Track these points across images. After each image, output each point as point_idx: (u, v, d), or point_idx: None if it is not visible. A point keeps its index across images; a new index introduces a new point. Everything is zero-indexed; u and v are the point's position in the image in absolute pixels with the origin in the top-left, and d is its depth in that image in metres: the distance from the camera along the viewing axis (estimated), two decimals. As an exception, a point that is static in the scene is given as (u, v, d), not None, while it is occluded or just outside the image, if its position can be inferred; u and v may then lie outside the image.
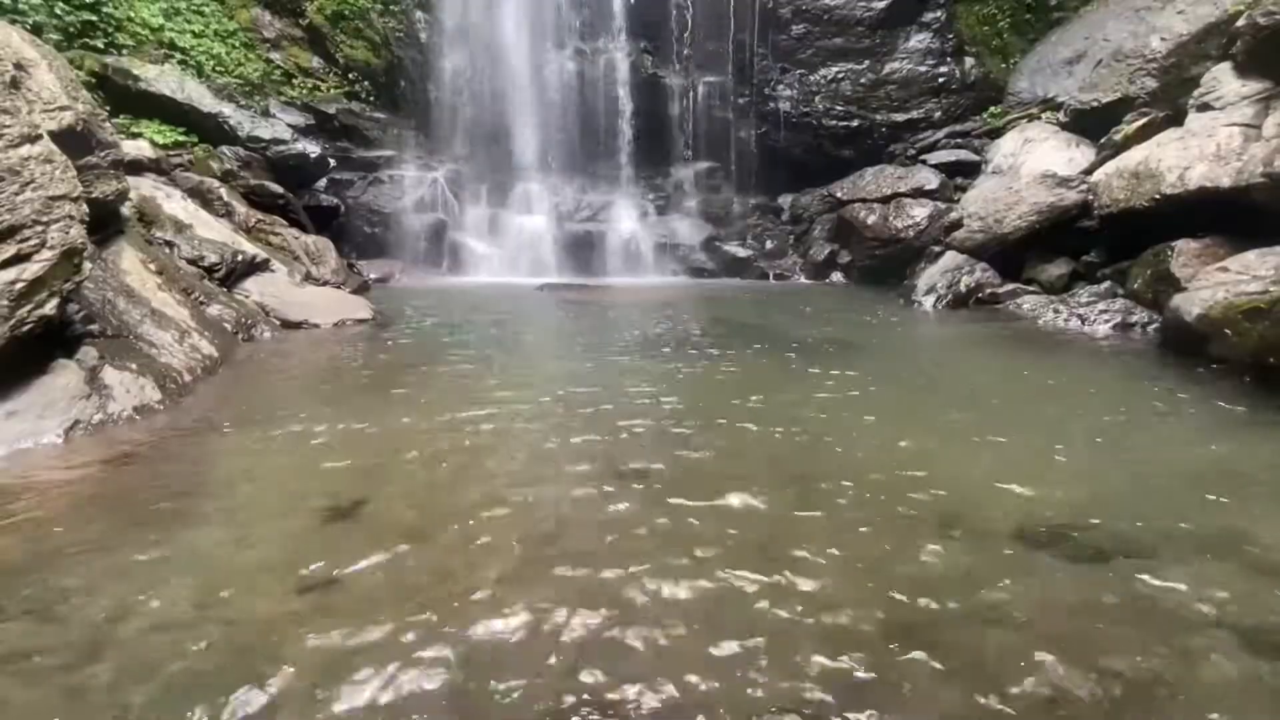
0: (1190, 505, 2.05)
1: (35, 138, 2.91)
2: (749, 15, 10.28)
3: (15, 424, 2.49)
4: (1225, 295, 3.84)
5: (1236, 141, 5.26)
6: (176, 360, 3.44)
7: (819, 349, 4.39)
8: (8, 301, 2.55)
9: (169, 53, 9.18)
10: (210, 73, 9.46)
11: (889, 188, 8.78)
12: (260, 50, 10.23)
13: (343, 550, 1.75)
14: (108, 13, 8.63)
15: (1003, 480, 2.24)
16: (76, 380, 2.76)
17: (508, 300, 7.25)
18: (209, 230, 5.56)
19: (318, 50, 10.43)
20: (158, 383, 3.12)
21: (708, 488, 2.16)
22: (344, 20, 10.25)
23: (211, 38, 9.81)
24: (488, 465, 2.37)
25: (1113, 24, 9.04)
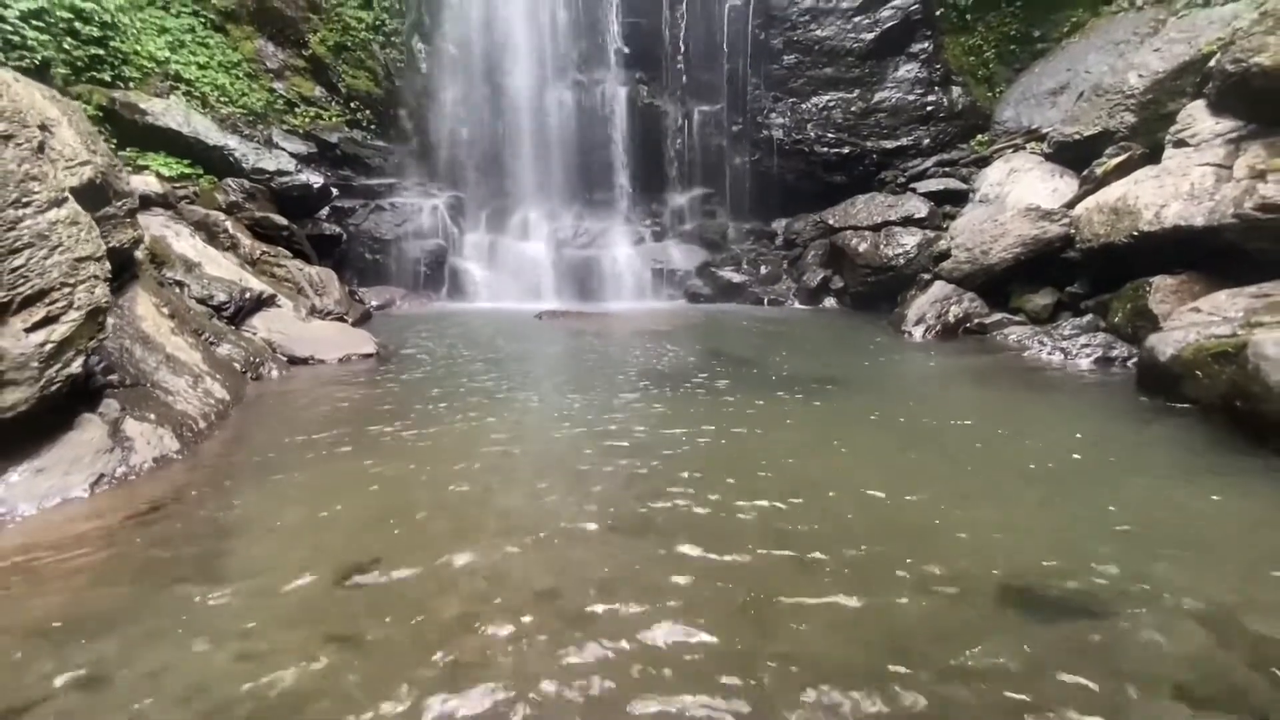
0: (1158, 563, 2.20)
1: (62, 201, 3.07)
2: (742, 46, 10.55)
3: (44, 481, 2.62)
4: (1196, 337, 4.01)
5: (1209, 181, 5.48)
6: (191, 407, 3.57)
7: (812, 387, 4.54)
8: (37, 363, 2.68)
9: (174, 84, 9.38)
10: (214, 103, 9.65)
11: (880, 216, 9.00)
12: (263, 80, 10.45)
13: (361, 613, 1.88)
14: (115, 46, 8.82)
15: (984, 533, 2.39)
16: (100, 434, 2.89)
17: (507, 329, 7.40)
18: (217, 268, 5.71)
19: (320, 80, 10.66)
20: (175, 431, 3.25)
21: (702, 541, 2.30)
22: (346, 51, 10.49)
23: (216, 69, 10.02)
24: (493, 518, 2.51)
25: (1093, 57, 9.34)
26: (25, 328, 2.71)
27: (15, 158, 2.91)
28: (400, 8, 10.36)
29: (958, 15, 10.64)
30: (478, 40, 10.17)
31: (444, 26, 10.27)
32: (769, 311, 9.09)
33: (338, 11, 10.32)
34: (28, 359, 2.66)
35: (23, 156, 2.94)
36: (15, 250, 2.74)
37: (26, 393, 2.65)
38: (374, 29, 10.43)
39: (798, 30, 10.56)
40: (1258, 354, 3.33)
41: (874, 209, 9.17)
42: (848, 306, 9.15)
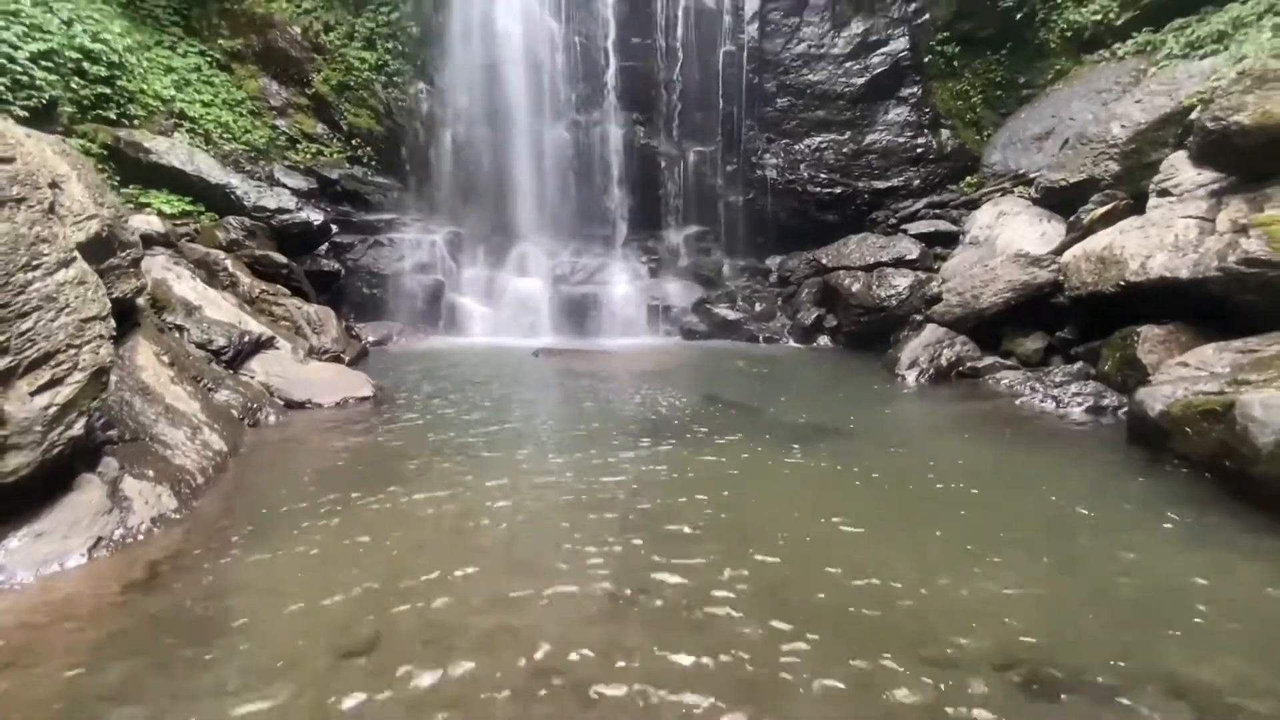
0: (1158, 641, 2.23)
1: (70, 261, 3.11)
2: (736, 89, 10.82)
3: (43, 546, 2.61)
4: (1185, 393, 4.09)
5: (1193, 234, 5.62)
6: (189, 461, 3.56)
7: (810, 438, 4.58)
8: (41, 427, 2.69)
9: (179, 122, 9.52)
10: (217, 139, 9.79)
11: (872, 256, 9.15)
12: (267, 118, 10.62)
13: (360, 693, 1.88)
14: (122, 85, 8.95)
15: (981, 606, 2.41)
16: (99, 496, 2.88)
17: (504, 368, 7.43)
18: (217, 310, 5.74)
19: (322, 117, 10.84)
20: (173, 488, 3.25)
21: (696, 608, 2.32)
22: (349, 90, 10.69)
23: (220, 106, 10.18)
24: (489, 589, 2.51)
25: (1077, 104, 9.63)
26: (30, 391, 2.72)
27: (27, 220, 2.96)
28: (403, 50, 10.60)
29: (945, 62, 10.97)
30: (479, 81, 10.39)
31: (446, 68, 10.50)
32: (764, 350, 9.17)
33: (342, 52, 10.54)
34: (32, 423, 2.67)
35: (34, 219, 2.99)
36: (23, 314, 2.77)
37: (29, 457, 2.65)
38: (377, 69, 10.65)
39: (790, 75, 10.85)
40: (1245, 415, 3.40)
41: (866, 249, 9.33)
42: (841, 345, 9.25)
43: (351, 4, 10.66)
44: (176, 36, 10.24)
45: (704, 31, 10.50)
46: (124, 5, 9.71)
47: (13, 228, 2.88)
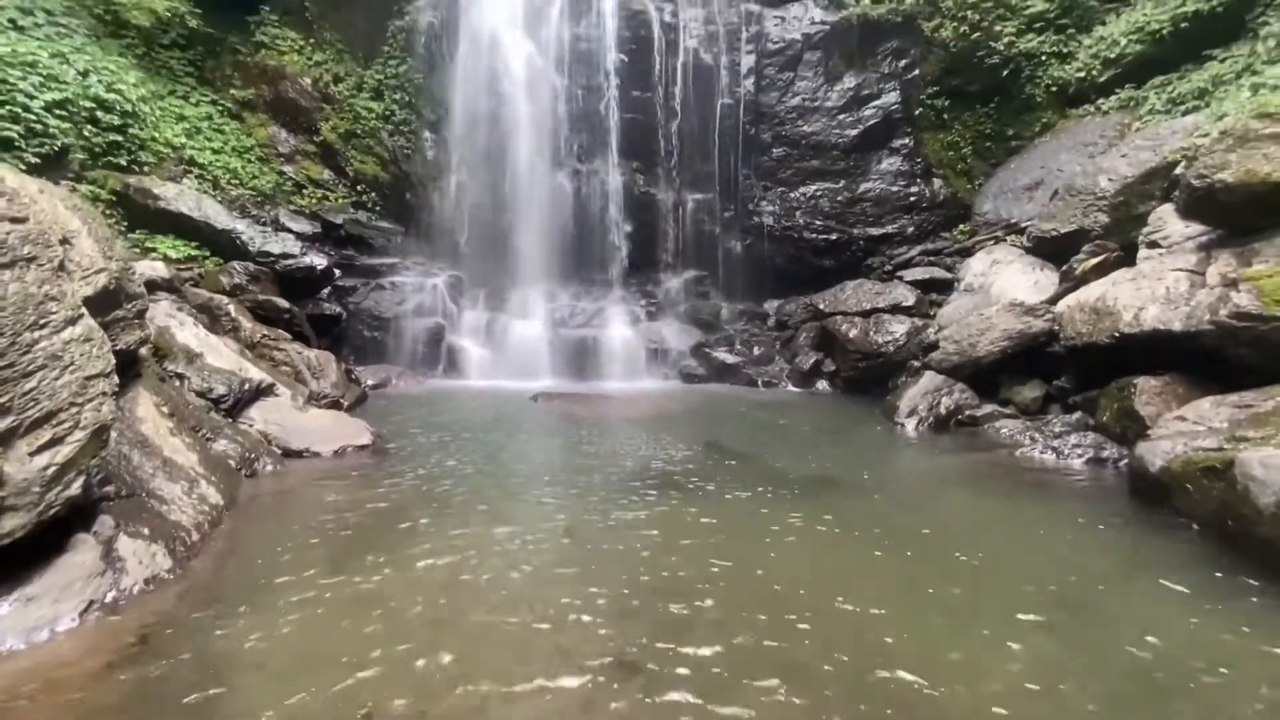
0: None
1: (77, 318, 3.13)
2: (733, 140, 11.13)
3: (33, 611, 2.56)
4: (1184, 449, 4.10)
5: (1184, 286, 5.72)
6: (186, 516, 3.53)
7: (810, 491, 4.55)
8: (39, 488, 2.67)
9: (188, 168, 9.72)
10: (225, 185, 9.98)
11: (868, 302, 9.26)
12: (275, 164, 10.85)
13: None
14: (134, 133, 9.17)
15: (989, 684, 2.37)
16: (93, 556, 2.84)
17: (502, 413, 7.42)
18: (218, 357, 5.75)
19: (329, 164, 11.08)
20: (168, 547, 3.20)
21: (697, 684, 2.27)
22: (356, 138, 10.96)
23: (229, 153, 10.42)
24: (486, 659, 2.46)
25: (1064, 156, 9.91)
26: (30, 451, 2.71)
27: (36, 279, 2.99)
28: (410, 100, 10.91)
29: (935, 114, 11.32)
30: (483, 130, 10.68)
31: (451, 117, 10.80)
32: (763, 394, 9.18)
33: (350, 102, 10.85)
34: (30, 484, 2.65)
35: (43, 278, 3.02)
36: (28, 374, 2.78)
37: (24, 519, 2.63)
38: (384, 118, 10.95)
39: (786, 126, 11.18)
40: (1245, 474, 3.40)
41: (863, 295, 9.44)
42: (840, 390, 9.27)
43: (361, 57, 11.03)
44: (190, 86, 10.54)
45: (702, 85, 10.85)
46: (140, 57, 10.02)
47: (22, 287, 2.91)
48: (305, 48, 10.98)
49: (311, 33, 11.00)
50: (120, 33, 9.77)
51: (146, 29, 9.91)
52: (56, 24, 9.19)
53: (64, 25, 9.24)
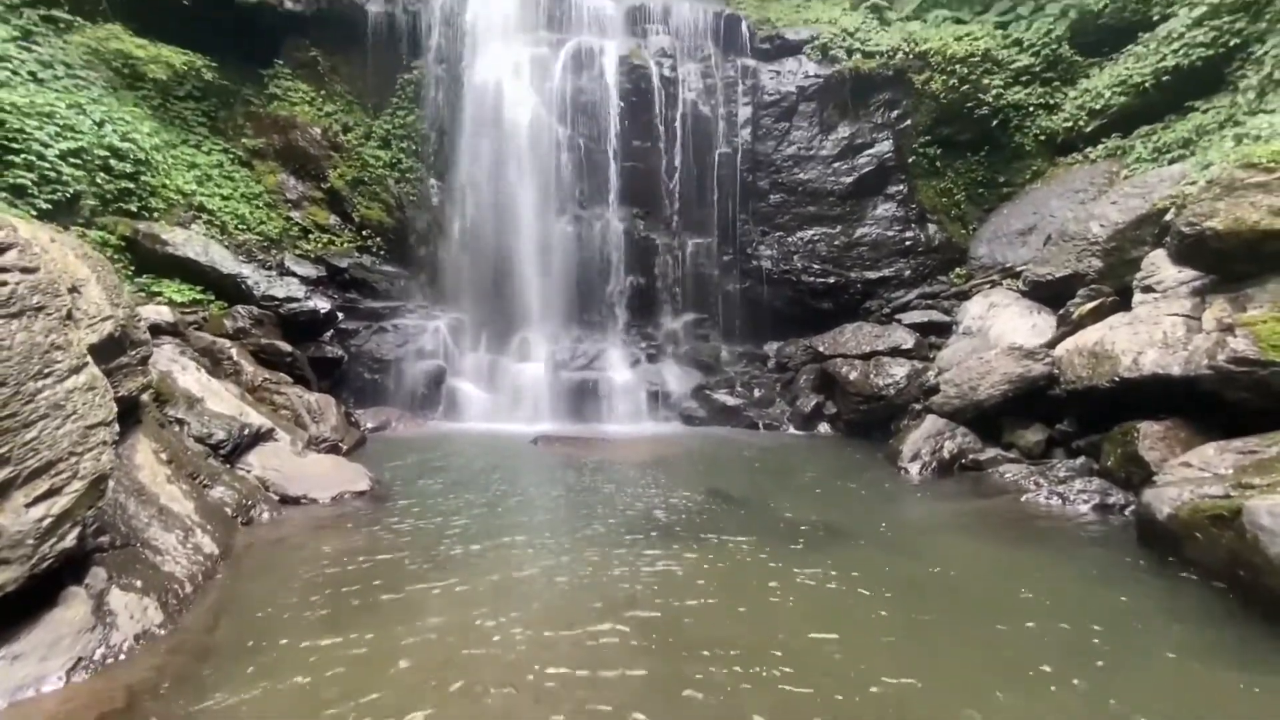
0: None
1: (82, 366, 3.15)
2: (731, 186, 11.38)
3: (20, 669, 2.49)
4: (1190, 496, 4.06)
5: (1180, 331, 5.77)
6: (179, 568, 3.46)
7: (814, 541, 4.48)
8: (33, 540, 2.63)
9: (197, 214, 9.89)
10: (233, 230, 10.14)
11: (868, 345, 9.31)
12: (282, 210, 11.05)
13: None
14: (145, 180, 9.36)
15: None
16: (84, 612, 2.78)
17: (502, 456, 7.36)
18: (219, 402, 5.75)
19: (335, 210, 11.28)
20: (160, 600, 3.13)
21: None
22: (363, 185, 11.20)
23: (238, 199, 10.62)
24: None
25: (1055, 202, 10.12)
26: (27, 502, 2.69)
27: (44, 329, 3.02)
28: (416, 149, 11.20)
29: (928, 162, 11.61)
30: (487, 178, 10.92)
31: (457, 165, 11.06)
32: (765, 438, 9.13)
33: (358, 151, 11.13)
34: (25, 535, 2.62)
35: (50, 327, 3.05)
36: (29, 423, 2.77)
37: (16, 572, 2.58)
38: (390, 166, 11.21)
39: (782, 174, 11.45)
40: (1254, 523, 3.37)
41: (862, 338, 9.50)
42: (842, 433, 9.23)
43: (370, 108, 11.37)
44: (202, 136, 10.83)
45: (700, 135, 11.16)
46: (155, 108, 10.32)
47: (29, 336, 2.94)
48: (316, 99, 11.33)
49: (323, 85, 11.36)
50: (137, 85, 10.09)
51: (163, 81, 10.24)
52: (75, 77, 9.50)
53: (83, 78, 9.55)
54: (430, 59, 11.07)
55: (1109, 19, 10.54)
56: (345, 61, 11.29)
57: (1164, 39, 9.66)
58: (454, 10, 11.02)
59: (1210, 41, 9.14)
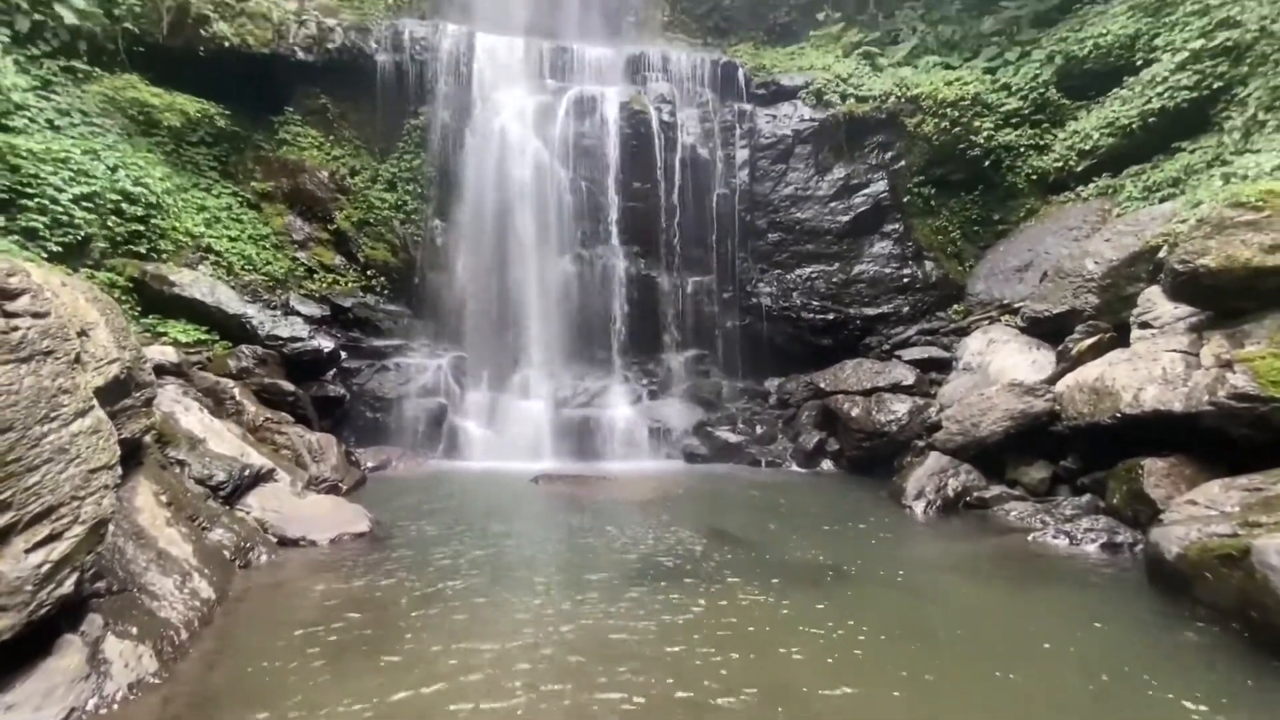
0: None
1: (87, 410, 3.17)
2: (730, 226, 11.57)
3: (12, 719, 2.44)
4: (1198, 535, 4.02)
5: (1179, 367, 5.79)
6: (176, 614, 3.42)
7: (820, 583, 4.42)
8: (31, 586, 2.61)
9: (204, 255, 10.05)
10: (239, 271, 10.27)
11: (869, 381, 9.32)
12: (288, 250, 11.21)
13: None
14: (155, 223, 9.52)
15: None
16: (79, 660, 2.74)
17: (503, 496, 7.30)
18: (220, 442, 5.75)
19: (341, 250, 11.46)
20: (155, 647, 3.09)
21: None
22: (368, 226, 11.40)
23: (245, 241, 10.79)
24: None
25: (1050, 239, 10.27)
26: (27, 548, 2.67)
27: (52, 373, 3.05)
28: (422, 191, 11.44)
29: (923, 201, 11.82)
30: (491, 219, 11.13)
31: (461, 206, 11.28)
32: (767, 475, 9.07)
33: (365, 193, 11.37)
34: (23, 582, 2.60)
35: (58, 371, 3.09)
36: (33, 468, 2.78)
37: (13, 620, 2.55)
38: (396, 208, 11.44)
39: (780, 213, 11.66)
40: (1263, 563, 3.33)
41: (863, 374, 9.52)
42: (845, 470, 9.17)
43: (378, 152, 11.66)
44: (213, 179, 11.07)
45: (699, 176, 11.41)
46: (168, 153, 10.58)
47: (37, 381, 2.97)
48: (325, 144, 11.63)
49: (331, 130, 11.67)
50: (152, 131, 10.37)
51: (177, 128, 10.53)
52: (92, 124, 9.77)
53: (99, 125, 9.83)
54: (436, 105, 11.40)
55: (1094, 64, 10.87)
56: (354, 108, 11.63)
57: (1149, 83, 9.95)
58: (460, 60, 11.41)
59: (1194, 85, 9.41)
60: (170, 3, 10.15)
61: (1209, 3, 9.55)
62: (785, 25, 13.93)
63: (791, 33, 13.83)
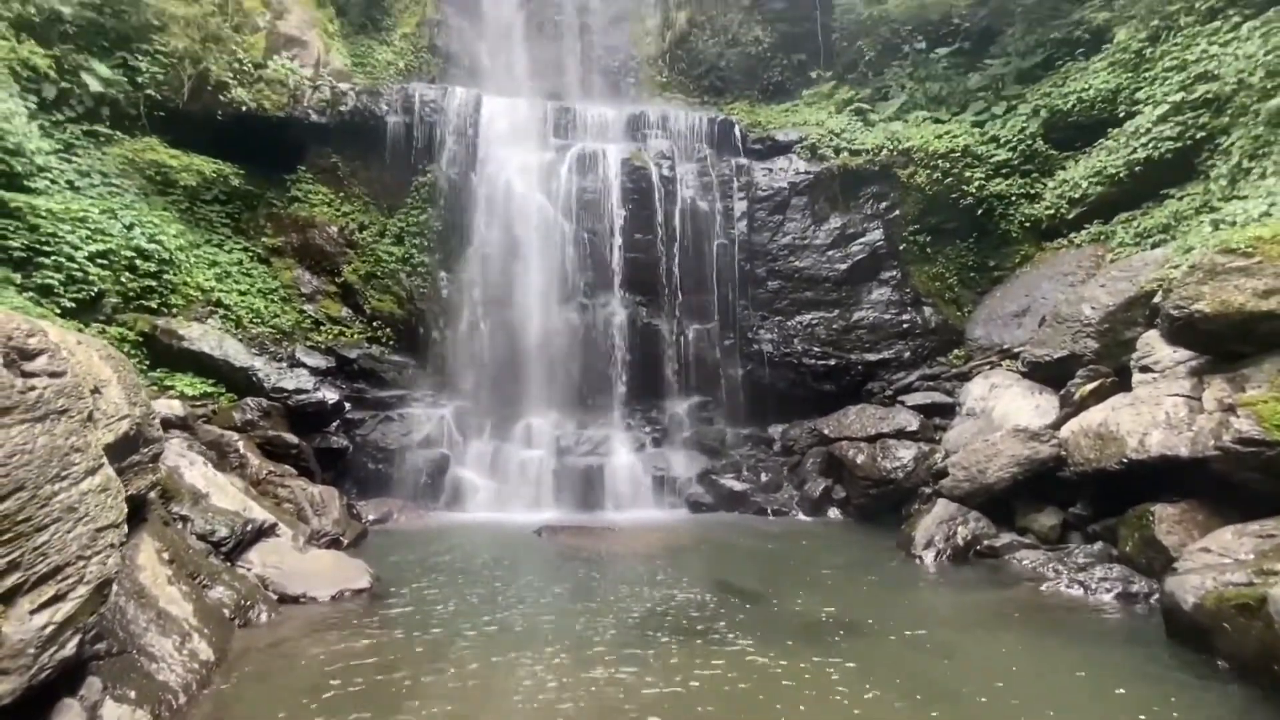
0: None
1: (97, 468, 3.20)
2: (730, 274, 11.77)
3: (2, 794, 2.37)
4: (1214, 584, 3.95)
5: (1183, 412, 5.80)
6: (174, 676, 3.35)
7: (830, 639, 4.32)
8: (34, 649, 2.58)
9: (214, 309, 10.22)
10: (248, 324, 10.42)
11: (873, 427, 9.30)
12: (296, 303, 11.39)
13: None
14: (167, 279, 9.72)
15: None
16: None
17: (505, 549, 7.20)
18: (223, 497, 5.73)
19: (348, 303, 11.64)
20: (153, 712, 3.03)
21: None
22: (375, 279, 11.61)
23: (254, 294, 10.98)
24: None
25: (1046, 285, 10.41)
26: (31, 609, 2.66)
27: (65, 431, 3.09)
28: (429, 244, 11.70)
29: (919, 249, 12.05)
30: (496, 271, 11.36)
31: (466, 259, 11.52)
32: (774, 524, 8.95)
33: (372, 248, 11.64)
34: (26, 645, 2.57)
35: (71, 430, 3.13)
36: (42, 527, 2.79)
37: (15, 683, 2.51)
38: (403, 260, 11.67)
39: (779, 261, 11.88)
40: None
41: (866, 421, 9.51)
42: (852, 518, 9.05)
43: (386, 207, 11.98)
44: (225, 235, 11.35)
45: (699, 227, 11.69)
46: (183, 211, 10.88)
47: (50, 440, 3.00)
48: (335, 200, 11.96)
49: (341, 187, 12.03)
50: (168, 191, 10.69)
51: (192, 187, 10.87)
52: (110, 184, 10.09)
53: (117, 185, 10.15)
54: (444, 163, 11.78)
55: (1078, 117, 11.26)
56: (364, 166, 12.02)
57: (1132, 134, 10.27)
58: (467, 120, 11.86)
59: (1177, 135, 9.72)
60: (191, 70, 10.62)
61: (1185, 58, 9.95)
62: (778, 84, 14.52)
63: (785, 91, 14.40)
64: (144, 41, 10.42)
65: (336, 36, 13.18)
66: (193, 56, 10.60)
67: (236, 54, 11.11)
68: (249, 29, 11.36)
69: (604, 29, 14.78)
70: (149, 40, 10.45)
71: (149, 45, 10.45)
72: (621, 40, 14.82)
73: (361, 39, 13.90)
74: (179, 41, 10.42)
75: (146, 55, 10.46)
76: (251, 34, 11.36)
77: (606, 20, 14.80)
